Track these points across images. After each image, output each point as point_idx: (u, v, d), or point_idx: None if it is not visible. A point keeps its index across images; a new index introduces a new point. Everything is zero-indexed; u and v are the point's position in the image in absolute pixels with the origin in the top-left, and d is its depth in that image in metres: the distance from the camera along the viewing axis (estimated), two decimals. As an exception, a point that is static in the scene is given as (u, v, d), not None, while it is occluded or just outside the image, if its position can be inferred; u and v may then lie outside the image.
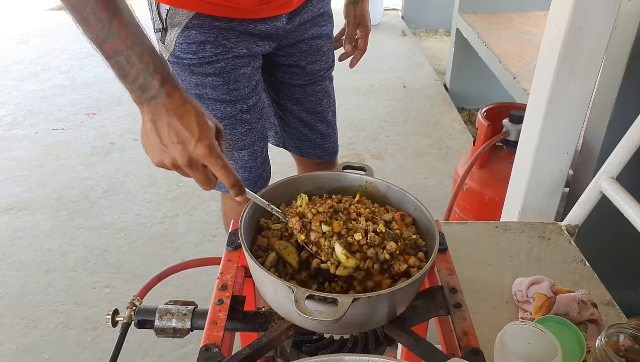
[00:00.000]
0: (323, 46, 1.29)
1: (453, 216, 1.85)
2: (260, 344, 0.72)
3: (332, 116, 1.41)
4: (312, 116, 1.36)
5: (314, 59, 1.28)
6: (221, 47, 1.09)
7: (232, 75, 1.13)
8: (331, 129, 1.42)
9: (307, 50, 1.26)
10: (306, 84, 1.31)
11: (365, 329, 0.74)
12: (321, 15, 1.26)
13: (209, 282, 1.87)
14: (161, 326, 0.79)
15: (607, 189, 1.10)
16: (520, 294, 0.94)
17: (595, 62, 1.19)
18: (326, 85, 1.36)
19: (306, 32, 1.24)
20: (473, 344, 0.73)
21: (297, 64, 1.27)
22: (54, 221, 2.21)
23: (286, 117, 1.37)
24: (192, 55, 1.09)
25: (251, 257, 0.69)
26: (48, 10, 5.07)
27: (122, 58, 0.71)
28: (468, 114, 3.19)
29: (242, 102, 1.17)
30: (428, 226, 0.79)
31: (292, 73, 1.28)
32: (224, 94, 1.14)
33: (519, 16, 2.68)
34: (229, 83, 1.13)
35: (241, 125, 1.19)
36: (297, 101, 1.33)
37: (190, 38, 1.07)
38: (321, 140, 1.41)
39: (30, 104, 3.18)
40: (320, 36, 1.27)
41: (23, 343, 1.68)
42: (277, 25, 1.15)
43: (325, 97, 1.36)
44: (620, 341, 0.74)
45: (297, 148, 1.42)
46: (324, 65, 1.32)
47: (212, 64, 1.10)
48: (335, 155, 1.48)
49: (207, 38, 1.08)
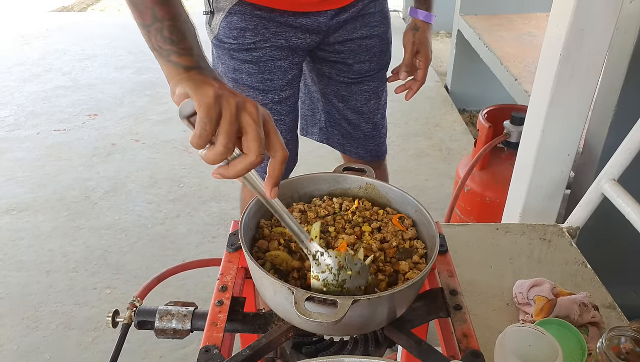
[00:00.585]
0: (374, 47, 1.26)
1: (454, 218, 1.84)
2: (260, 346, 0.72)
3: (380, 119, 1.39)
4: (357, 115, 1.35)
5: (362, 58, 1.26)
6: (260, 35, 1.13)
7: (268, 65, 1.16)
8: (377, 131, 1.40)
9: (356, 49, 1.25)
10: (352, 82, 1.30)
11: (365, 331, 0.74)
12: (373, 14, 1.23)
13: (209, 283, 1.87)
14: (161, 327, 0.79)
15: (609, 191, 1.10)
16: (521, 296, 0.94)
17: (596, 64, 1.19)
18: (375, 86, 1.33)
19: (355, 32, 1.22)
20: (473, 346, 0.72)
21: (344, 62, 1.26)
22: (55, 222, 2.22)
23: (332, 113, 1.37)
24: (233, 40, 1.13)
25: (251, 258, 0.69)
26: (50, 11, 5.08)
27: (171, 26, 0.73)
28: (469, 116, 3.19)
29: (274, 93, 1.20)
30: (428, 227, 0.79)
31: (339, 70, 1.28)
32: (257, 82, 1.18)
33: (520, 17, 2.67)
34: (264, 73, 1.17)
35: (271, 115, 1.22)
36: (342, 98, 1.32)
37: (232, 24, 1.12)
38: (364, 140, 1.39)
39: (32, 105, 3.19)
40: (371, 36, 1.25)
41: (24, 343, 1.68)
42: (319, 20, 1.16)
43: (373, 98, 1.34)
44: (622, 344, 0.73)
45: (341, 145, 1.42)
46: (373, 66, 1.29)
47: (250, 52, 1.14)
48: (379, 158, 1.46)
49: (248, 25, 1.12)
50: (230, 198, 2.37)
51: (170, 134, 2.87)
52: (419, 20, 1.27)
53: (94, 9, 5.47)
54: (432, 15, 1.28)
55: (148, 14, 0.72)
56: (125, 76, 3.52)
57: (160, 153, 2.71)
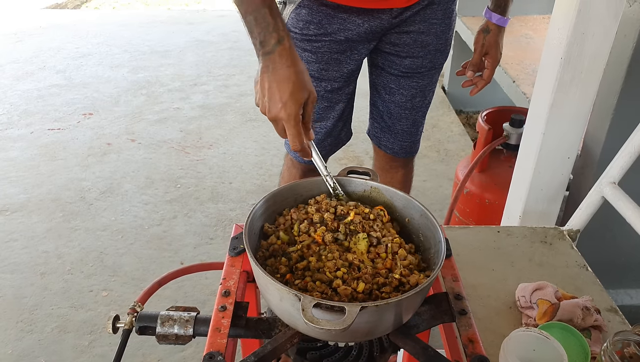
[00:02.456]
0: (429, 44, 1.27)
1: (453, 220, 1.84)
2: (265, 352, 0.71)
3: (420, 117, 1.42)
4: (400, 110, 1.37)
5: (415, 53, 1.27)
6: (322, 29, 1.21)
7: (325, 57, 1.24)
8: (415, 129, 1.43)
9: (411, 43, 1.25)
10: (401, 75, 1.32)
11: (372, 337, 0.73)
12: (435, 11, 1.23)
13: (207, 285, 1.85)
14: (163, 332, 0.78)
15: (609, 194, 1.10)
16: (523, 299, 0.94)
17: (597, 68, 1.19)
18: (423, 84, 1.34)
19: (413, 25, 1.23)
20: (479, 352, 0.72)
21: (397, 54, 1.28)
22: (49, 223, 2.19)
23: (377, 104, 1.41)
24: (298, 30, 1.22)
25: (256, 264, 0.69)
26: (44, 8, 5.04)
27: (252, 17, 0.83)
28: (466, 117, 3.19)
29: (327, 82, 1.27)
30: (434, 232, 0.79)
31: (391, 62, 1.30)
32: (314, 70, 1.26)
33: (517, 20, 2.68)
34: (320, 63, 1.25)
35: (322, 101, 1.30)
36: (390, 90, 1.35)
37: (300, 16, 1.20)
38: (401, 136, 1.43)
39: (25, 103, 3.15)
40: (428, 33, 1.25)
41: (19, 347, 1.66)
42: (382, 17, 1.18)
43: (419, 95, 1.35)
44: (625, 348, 0.73)
45: (377, 138, 1.47)
46: (426, 63, 1.30)
47: (310, 42, 1.22)
48: (411, 155, 1.51)
49: (313, 19, 1.20)
50: (228, 199, 2.36)
51: (167, 134, 2.85)
52: (491, 23, 1.31)
53: (88, 7, 5.43)
54: (507, 19, 1.31)
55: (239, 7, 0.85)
56: (121, 75, 3.49)
57: (157, 153, 2.69)
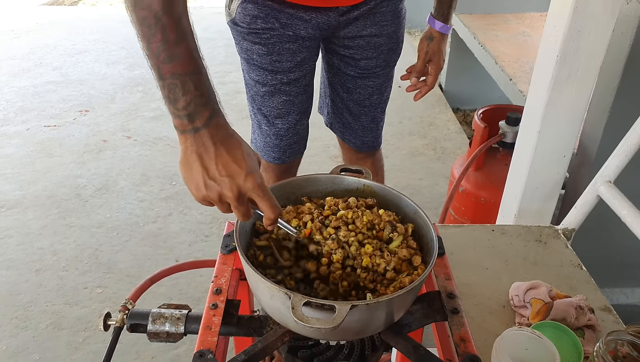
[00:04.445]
0: (382, 45, 1.29)
1: (448, 218, 1.84)
2: (256, 351, 0.71)
3: (379, 113, 1.43)
4: (359, 108, 1.38)
5: (370, 55, 1.29)
6: (270, 24, 1.19)
7: (277, 48, 1.22)
8: (375, 124, 1.44)
9: (364, 46, 1.27)
10: (358, 76, 1.33)
11: (363, 335, 0.73)
12: (384, 13, 1.25)
13: (202, 282, 1.85)
14: (154, 330, 0.78)
15: (604, 193, 1.10)
16: (517, 298, 0.94)
17: (593, 65, 1.18)
18: (379, 82, 1.36)
19: (365, 29, 1.24)
20: (470, 351, 0.72)
21: (352, 57, 1.29)
22: (45, 220, 2.18)
23: (336, 101, 1.41)
24: (246, 25, 1.20)
25: (247, 262, 0.68)
26: (41, 5, 5.01)
27: (177, 81, 0.67)
28: (463, 115, 3.19)
29: (282, 74, 1.25)
30: (426, 230, 0.78)
31: (347, 63, 1.31)
32: (267, 63, 1.23)
33: (515, 17, 2.67)
34: (272, 55, 1.22)
35: (279, 95, 1.27)
36: (347, 90, 1.36)
37: (246, 10, 1.19)
38: (362, 132, 1.44)
39: (21, 100, 3.14)
40: (380, 35, 1.27)
41: (13, 344, 1.66)
42: (329, 15, 1.18)
43: (376, 93, 1.37)
44: (618, 348, 0.73)
45: (341, 133, 1.47)
46: (380, 63, 1.32)
47: (259, 35, 1.21)
48: (374, 149, 1.51)
49: (260, 14, 1.18)
50: (224, 196, 2.35)
51: (163, 131, 2.84)
52: (435, 30, 1.32)
53: (85, 3, 5.41)
54: (449, 26, 1.33)
55: (154, 70, 0.68)
56: (117, 72, 3.48)
57: (153, 150, 2.68)
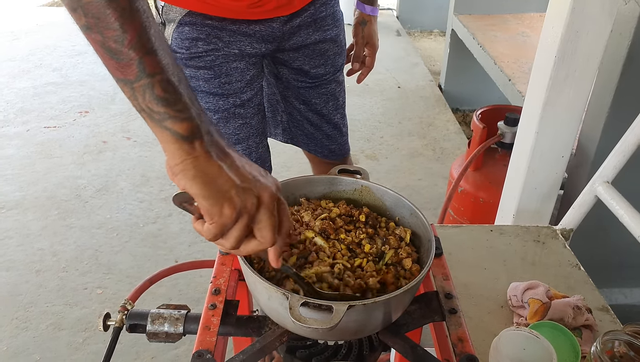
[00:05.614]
0: (328, 50, 1.27)
1: (447, 218, 1.85)
2: (254, 351, 0.71)
3: (339, 119, 1.40)
4: (318, 117, 1.36)
5: (318, 63, 1.26)
6: (212, 44, 1.10)
7: (224, 68, 1.13)
8: (337, 131, 1.41)
9: (311, 54, 1.24)
10: (311, 86, 1.30)
11: (360, 335, 0.73)
12: (324, 18, 1.23)
13: (201, 283, 1.85)
14: (153, 330, 0.78)
15: (602, 193, 1.10)
16: (515, 299, 0.94)
17: (591, 66, 1.19)
18: (332, 88, 1.34)
19: (309, 37, 1.22)
20: (468, 351, 0.72)
21: (301, 68, 1.25)
22: (45, 221, 2.19)
23: (293, 114, 1.36)
24: (185, 50, 1.10)
25: (245, 262, 0.68)
26: (40, 6, 5.02)
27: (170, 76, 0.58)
28: (462, 115, 3.20)
29: (234, 96, 1.16)
30: (424, 230, 0.79)
31: (297, 75, 1.28)
32: (215, 87, 1.13)
33: (514, 17, 2.68)
34: (220, 76, 1.13)
35: (235, 119, 1.18)
36: (303, 101, 1.33)
37: (183, 34, 1.08)
38: (327, 141, 1.40)
39: (21, 101, 3.15)
40: (324, 40, 1.25)
41: (13, 344, 1.66)
42: (273, 26, 1.13)
43: (331, 99, 1.35)
44: (615, 348, 0.73)
45: (306, 145, 1.43)
46: (330, 69, 1.30)
47: (202, 58, 1.11)
48: (342, 156, 1.47)
49: (199, 35, 1.08)
50: (223, 197, 2.36)
51: (163, 132, 2.84)
52: (365, 15, 1.34)
53: (85, 4, 5.41)
54: (377, 8, 1.36)
55: (132, 68, 0.55)
56: (117, 73, 3.48)
57: (152, 151, 2.68)
